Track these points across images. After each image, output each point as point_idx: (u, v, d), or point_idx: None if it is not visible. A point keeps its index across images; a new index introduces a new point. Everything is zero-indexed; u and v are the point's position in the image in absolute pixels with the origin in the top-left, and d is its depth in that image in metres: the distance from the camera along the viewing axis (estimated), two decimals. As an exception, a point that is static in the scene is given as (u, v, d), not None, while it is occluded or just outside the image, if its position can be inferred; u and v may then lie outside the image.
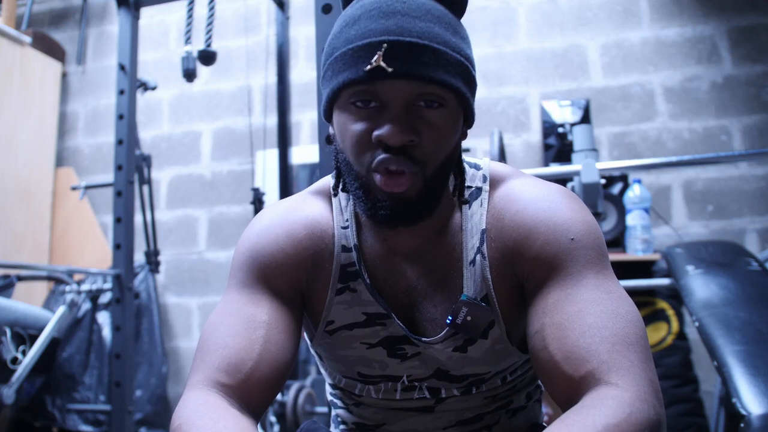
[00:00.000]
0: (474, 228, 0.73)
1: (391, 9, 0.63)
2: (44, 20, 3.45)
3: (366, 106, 0.64)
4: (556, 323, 0.63)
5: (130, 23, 2.10)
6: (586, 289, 0.64)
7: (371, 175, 0.65)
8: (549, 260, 0.67)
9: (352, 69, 0.63)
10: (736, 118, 2.52)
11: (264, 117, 2.80)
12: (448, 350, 0.73)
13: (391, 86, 0.62)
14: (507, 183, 0.75)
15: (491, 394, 0.78)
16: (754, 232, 2.44)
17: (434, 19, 0.64)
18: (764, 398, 1.12)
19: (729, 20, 2.58)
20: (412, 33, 0.61)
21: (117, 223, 2.02)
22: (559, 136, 2.52)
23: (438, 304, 0.73)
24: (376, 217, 0.67)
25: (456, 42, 0.65)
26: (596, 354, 0.58)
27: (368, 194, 0.66)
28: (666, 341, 2.10)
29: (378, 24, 0.62)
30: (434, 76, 0.62)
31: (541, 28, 2.76)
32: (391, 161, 0.63)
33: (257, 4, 3.05)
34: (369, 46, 0.62)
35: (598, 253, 0.68)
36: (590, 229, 0.69)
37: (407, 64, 0.61)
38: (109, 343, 2.54)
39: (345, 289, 0.75)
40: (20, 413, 2.52)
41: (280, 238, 0.75)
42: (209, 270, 2.94)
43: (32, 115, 3.03)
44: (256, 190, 2.25)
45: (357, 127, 0.65)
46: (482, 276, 0.72)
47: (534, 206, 0.70)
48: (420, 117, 0.64)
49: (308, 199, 0.79)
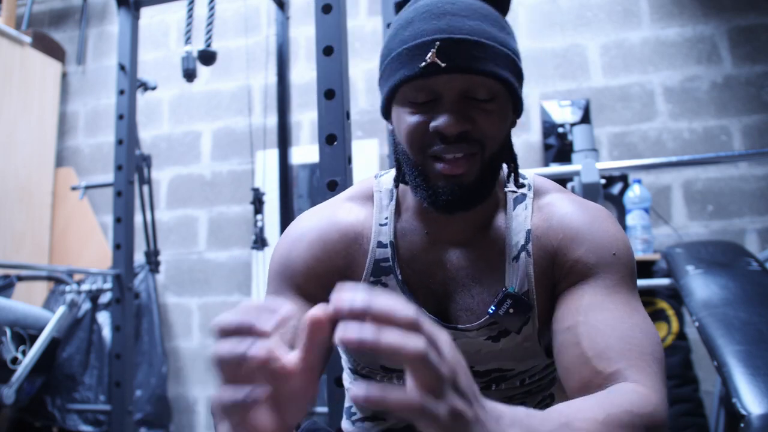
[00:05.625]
0: (518, 227, 0.76)
1: (442, 10, 0.67)
2: (44, 20, 3.45)
3: (423, 100, 0.68)
4: (590, 323, 0.66)
5: (130, 23, 2.10)
6: (619, 302, 0.68)
7: (430, 164, 0.69)
8: (590, 266, 0.71)
9: (408, 66, 0.67)
10: (736, 118, 2.52)
11: (264, 117, 2.80)
12: (480, 338, 0.75)
13: (445, 80, 0.66)
14: (552, 193, 0.80)
15: (508, 394, 0.80)
16: (754, 232, 2.44)
17: (482, 17, 0.68)
18: (764, 398, 1.12)
19: (729, 20, 2.58)
20: (462, 30, 0.66)
21: (117, 223, 2.02)
22: (559, 136, 2.52)
23: (476, 294, 0.76)
24: (437, 204, 0.70)
25: (503, 37, 0.69)
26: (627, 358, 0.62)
27: (427, 182, 0.70)
28: (666, 341, 2.10)
29: (430, 24, 0.67)
30: (485, 69, 0.66)
31: (541, 28, 2.76)
32: (450, 149, 0.67)
33: (257, 4, 3.05)
34: (423, 44, 0.66)
35: (632, 275, 0.72)
36: (629, 251, 0.73)
37: (459, 58, 0.65)
38: (109, 343, 2.54)
39: (377, 283, 0.77)
40: (20, 413, 2.52)
41: (312, 244, 0.77)
42: (209, 270, 2.94)
43: (32, 115, 3.03)
44: (256, 190, 2.25)
45: (414, 119, 0.69)
46: (525, 273, 0.74)
47: (581, 215, 0.75)
48: (474, 107, 0.68)
49: (343, 205, 0.82)
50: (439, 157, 0.68)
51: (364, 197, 0.82)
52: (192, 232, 3.01)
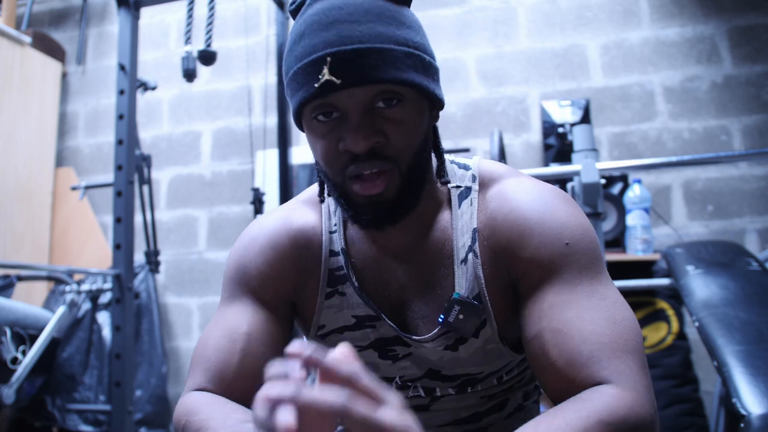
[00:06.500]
0: (464, 227, 0.73)
1: (330, 18, 0.63)
2: (44, 20, 3.45)
3: (328, 118, 0.65)
4: (554, 329, 0.63)
5: (130, 23, 2.10)
6: (582, 294, 0.64)
7: (348, 184, 0.66)
8: (544, 263, 0.67)
9: (305, 87, 0.63)
10: (736, 118, 2.52)
11: (264, 117, 2.80)
12: (439, 349, 0.73)
13: (345, 96, 0.63)
14: (499, 183, 0.75)
15: (487, 393, 0.78)
16: (754, 232, 2.44)
17: (374, 17, 0.63)
18: (764, 398, 1.12)
19: (729, 20, 2.58)
20: (353, 39, 0.61)
21: (117, 223, 2.02)
22: (559, 136, 2.52)
23: (429, 301, 0.73)
24: (361, 223, 0.68)
25: (401, 34, 0.64)
26: (597, 360, 0.60)
27: (349, 202, 0.67)
28: (666, 341, 2.10)
29: (320, 37, 0.62)
30: (383, 77, 0.62)
31: (541, 28, 2.76)
32: (363, 167, 0.64)
33: (257, 4, 3.05)
34: (315, 61, 0.62)
35: (593, 258, 0.67)
36: (585, 233, 0.68)
37: (354, 71, 0.61)
38: (109, 343, 2.54)
39: (334, 293, 0.76)
40: (20, 413, 2.52)
41: (264, 249, 0.76)
42: (209, 270, 2.94)
43: (32, 115, 3.03)
44: (256, 190, 2.25)
45: (324, 142, 0.66)
46: (474, 275, 0.72)
47: (528, 206, 0.70)
48: (382, 117, 0.64)
49: (297, 208, 0.80)
50: (356, 176, 0.65)
51: (316, 201, 0.80)
52: (192, 232, 3.01)
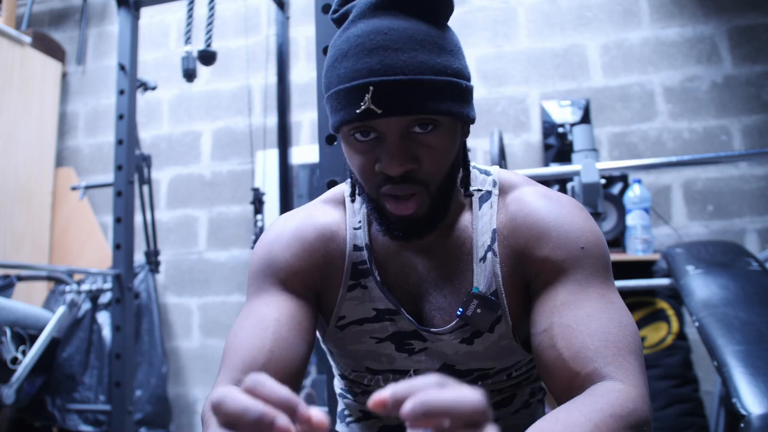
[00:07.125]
0: (484, 227, 0.77)
1: (374, 44, 0.65)
2: (44, 20, 3.45)
3: (366, 137, 0.68)
4: (564, 324, 0.67)
5: (130, 23, 2.10)
6: (593, 296, 0.69)
7: (382, 201, 0.71)
8: (558, 263, 0.71)
9: (347, 110, 0.66)
10: (736, 118, 2.52)
11: (264, 117, 2.80)
12: (455, 342, 0.76)
13: (383, 122, 0.66)
14: (519, 189, 0.79)
15: (497, 387, 0.81)
16: (754, 232, 2.44)
17: (416, 44, 0.65)
18: (764, 398, 1.12)
19: (729, 20, 2.58)
20: (395, 70, 0.64)
21: (117, 223, 2.02)
22: (559, 136, 2.52)
23: (447, 294, 0.77)
24: (392, 236, 0.73)
25: (441, 62, 0.66)
26: (603, 356, 0.63)
27: (382, 216, 0.72)
28: (666, 341, 2.10)
29: (363, 63, 0.65)
30: (422, 108, 0.65)
31: (541, 28, 2.76)
32: (396, 189, 0.68)
33: (257, 4, 3.05)
34: (357, 88, 0.64)
35: (605, 265, 0.72)
36: (599, 241, 0.73)
37: (395, 101, 0.64)
38: (109, 343, 2.54)
39: (356, 285, 0.79)
40: (20, 413, 2.52)
41: (291, 242, 0.80)
42: (209, 270, 2.94)
43: (32, 115, 3.03)
44: (256, 190, 2.26)
45: (361, 159, 0.70)
46: (492, 272, 0.75)
47: (547, 211, 0.75)
48: (417, 143, 0.68)
49: (319, 207, 0.85)
50: (389, 195, 0.69)
51: (338, 201, 0.84)
52: (192, 232, 3.01)
